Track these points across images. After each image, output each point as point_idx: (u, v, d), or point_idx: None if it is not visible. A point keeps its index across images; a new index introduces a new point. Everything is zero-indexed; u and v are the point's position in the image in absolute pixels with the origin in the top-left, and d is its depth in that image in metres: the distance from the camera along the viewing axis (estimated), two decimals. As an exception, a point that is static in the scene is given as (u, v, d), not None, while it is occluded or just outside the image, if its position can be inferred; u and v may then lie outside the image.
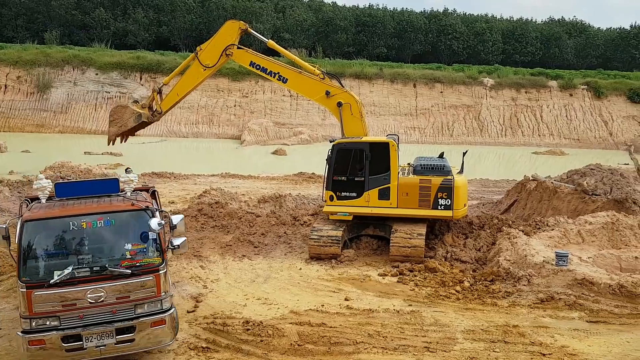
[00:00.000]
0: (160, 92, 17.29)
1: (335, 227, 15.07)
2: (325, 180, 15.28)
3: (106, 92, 49.29)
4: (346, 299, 12.25)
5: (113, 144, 18.30)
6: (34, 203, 9.22)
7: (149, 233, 8.91)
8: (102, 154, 33.77)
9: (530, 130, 49.56)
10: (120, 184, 9.46)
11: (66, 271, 8.31)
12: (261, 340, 10.31)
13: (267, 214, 18.50)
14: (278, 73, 16.19)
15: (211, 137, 46.21)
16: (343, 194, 15.03)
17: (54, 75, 49.26)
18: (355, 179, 14.95)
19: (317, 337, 10.36)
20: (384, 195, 14.85)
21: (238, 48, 16.31)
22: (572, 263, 13.00)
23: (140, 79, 50.28)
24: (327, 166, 15.13)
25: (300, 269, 14.31)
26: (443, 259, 14.82)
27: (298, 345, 10.12)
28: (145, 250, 8.92)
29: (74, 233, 8.61)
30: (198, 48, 16.59)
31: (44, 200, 9.18)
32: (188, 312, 11.62)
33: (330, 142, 15.52)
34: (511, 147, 46.50)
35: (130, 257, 8.80)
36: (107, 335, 8.54)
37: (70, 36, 67.14)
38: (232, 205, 19.91)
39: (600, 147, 47.73)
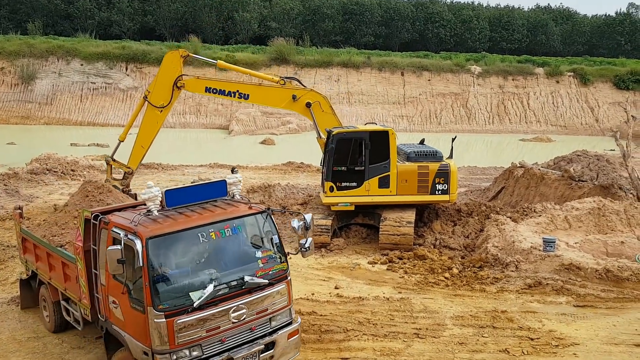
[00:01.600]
0: (112, 161, 16.19)
1: (324, 216, 15.09)
2: (325, 171, 15.24)
3: (92, 82, 48.77)
4: (336, 287, 12.31)
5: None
6: (141, 216, 7.58)
7: (273, 237, 8.17)
8: (88, 145, 33.52)
9: (517, 117, 49.77)
10: (227, 186, 8.39)
11: (208, 290, 7.17)
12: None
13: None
14: (237, 91, 15.67)
15: (199, 127, 45.94)
16: (343, 184, 15.00)
17: (38, 66, 48.63)
18: (355, 168, 14.96)
19: (308, 325, 10.40)
20: (384, 183, 14.92)
21: (188, 77, 15.68)
22: (559, 249, 13.13)
23: (126, 69, 49.79)
24: (327, 157, 15.07)
25: (290, 258, 14.29)
26: (432, 246, 14.93)
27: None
28: (274, 256, 8.13)
29: (203, 245, 7.56)
30: (146, 91, 15.80)
31: (155, 212, 7.67)
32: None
33: (327, 131, 15.49)
34: (499, 135, 46.71)
35: (262, 265, 7.92)
36: (252, 356, 7.62)
37: (54, 26, 66.24)
38: (220, 196, 19.82)
39: (586, 133, 48.07)
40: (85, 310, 8.69)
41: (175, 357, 7.07)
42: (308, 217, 8.39)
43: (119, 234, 7.45)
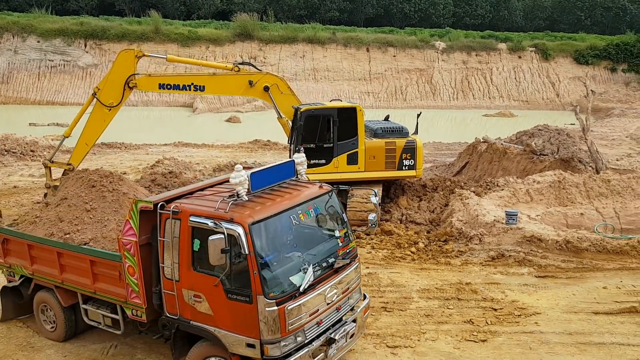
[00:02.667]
0: (50, 163, 15.37)
1: (292, 194, 15.08)
2: (293, 148, 15.18)
3: (50, 60, 47.21)
4: (304, 264, 12.36)
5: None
6: (229, 202, 7.17)
7: (343, 215, 8.23)
8: (48, 124, 32.58)
9: (480, 93, 50.35)
10: (295, 166, 8.33)
11: (309, 273, 7.11)
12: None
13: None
14: (192, 84, 15.23)
15: (162, 106, 45.09)
16: (312, 161, 14.96)
17: (-8, 43, 46.84)
18: (324, 145, 14.94)
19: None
20: (353, 160, 14.98)
21: (140, 75, 15.14)
22: (521, 221, 13.47)
23: (85, 46, 48.32)
24: (295, 134, 15.00)
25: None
26: (398, 222, 15.13)
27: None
28: (347, 234, 8.18)
29: (295, 228, 7.54)
30: (96, 88, 15.19)
31: (245, 197, 7.33)
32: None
33: (295, 108, 15.40)
34: (463, 110, 47.25)
35: (341, 244, 7.93)
36: (345, 336, 7.69)
37: (7, 1, 63.64)
38: (186, 175, 19.62)
39: (547, 108, 48.99)
40: (136, 311, 8.05)
41: (283, 344, 6.92)
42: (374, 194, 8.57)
43: (205, 222, 7.06)
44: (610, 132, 30.09)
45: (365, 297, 8.48)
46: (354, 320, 7.94)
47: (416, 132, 16.02)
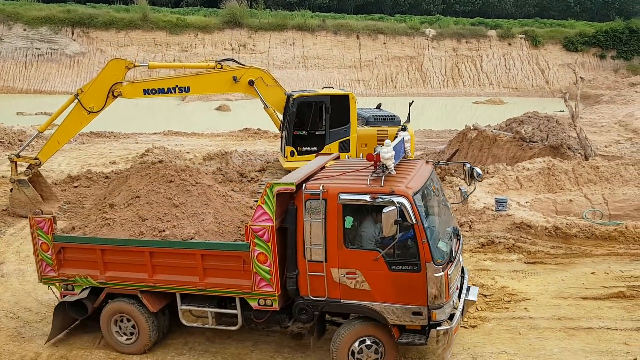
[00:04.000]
0: (16, 157, 15.07)
1: (283, 182, 15.08)
2: (285, 135, 15.15)
3: (36, 48, 46.67)
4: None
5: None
6: (381, 175, 7.32)
7: (443, 190, 8.72)
8: (35, 114, 32.24)
9: (470, 80, 50.43)
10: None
11: (453, 241, 7.64)
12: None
13: (213, 172, 18.30)
14: (176, 86, 15.16)
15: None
16: (304, 148, 14.96)
17: (-23, 31, 46.22)
18: (316, 132, 14.91)
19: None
20: (345, 147, 14.98)
21: (124, 83, 15.01)
22: (511, 208, 13.56)
23: (72, 34, 47.81)
24: (287, 121, 14.96)
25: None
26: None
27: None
28: (448, 207, 8.69)
29: (432, 200, 8.00)
30: (79, 90, 15.01)
31: (394, 171, 7.44)
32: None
33: (287, 95, 15.36)
34: (453, 98, 47.32)
35: (453, 216, 8.41)
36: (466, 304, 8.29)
37: (-8, -12, 62.74)
38: (176, 164, 19.54)
39: (537, 95, 49.18)
40: (264, 300, 7.78)
41: (446, 308, 7.28)
42: (468, 165, 8.67)
43: (362, 198, 7.20)
44: (599, 119, 30.27)
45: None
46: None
47: (408, 121, 16.01)
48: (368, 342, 7.59)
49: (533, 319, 9.34)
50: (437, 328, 7.29)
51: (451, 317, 7.49)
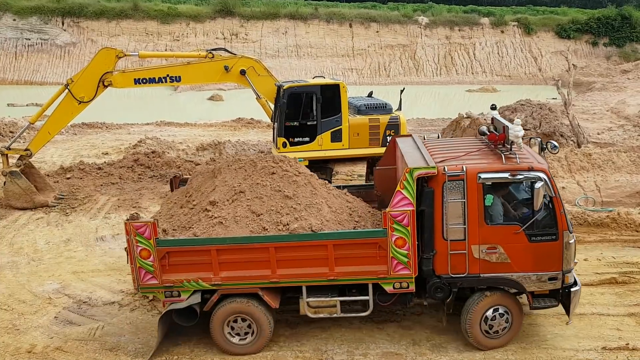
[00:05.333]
0: (6, 150, 15.00)
1: (276, 172, 15.05)
2: (277, 126, 15.12)
3: (26, 39, 46.19)
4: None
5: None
6: (514, 153, 7.96)
7: None
8: (27, 105, 31.97)
9: (464, 68, 50.35)
10: None
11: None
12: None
13: (207, 162, 18.23)
14: (167, 75, 15.11)
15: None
16: (296, 139, 14.94)
17: (-34, 21, 45.68)
18: (308, 123, 14.88)
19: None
20: (337, 137, 14.94)
21: (115, 73, 14.96)
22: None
23: (63, 24, 47.33)
24: (278, 112, 14.93)
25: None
26: (383, 198, 15.19)
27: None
28: None
29: None
30: (69, 80, 14.97)
31: (522, 148, 8.24)
32: (131, 263, 11.49)
33: (277, 86, 15.31)
34: (446, 86, 47.26)
35: None
36: None
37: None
38: (169, 154, 19.50)
39: (530, 82, 49.17)
40: (399, 283, 8.03)
41: (573, 272, 8.11)
42: (538, 140, 8.96)
43: (502, 176, 7.76)
44: (591, 106, 30.33)
45: None
46: None
47: (400, 109, 16.01)
48: (501, 311, 8.20)
49: (526, 306, 9.40)
50: (572, 289, 8.10)
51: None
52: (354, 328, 8.96)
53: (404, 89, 16.73)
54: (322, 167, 15.52)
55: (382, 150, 15.26)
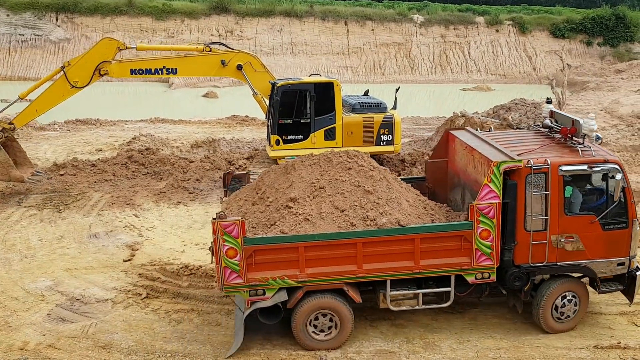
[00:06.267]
0: None
1: (271, 170, 15.06)
2: (271, 124, 15.12)
3: (20, 34, 45.91)
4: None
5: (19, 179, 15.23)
6: (588, 147, 8.53)
7: None
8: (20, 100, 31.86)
9: (458, 67, 50.40)
10: None
11: None
12: (201, 284, 10.37)
13: (201, 159, 18.21)
14: (164, 67, 15.20)
15: (137, 81, 44.14)
16: (289, 137, 14.96)
17: (-41, 16, 45.36)
18: (301, 121, 14.90)
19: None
20: (330, 135, 15.00)
21: (112, 62, 15.02)
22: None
23: (57, 19, 47.07)
24: (272, 110, 14.93)
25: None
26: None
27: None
28: None
29: None
30: (66, 62, 15.04)
31: (595, 142, 8.78)
32: (124, 260, 11.49)
33: (272, 84, 15.31)
34: (441, 85, 47.31)
35: None
36: None
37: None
38: (163, 151, 19.44)
39: (524, 82, 49.28)
40: (481, 274, 8.34)
41: (637, 257, 8.67)
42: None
43: (581, 169, 8.23)
44: (585, 106, 30.37)
45: None
46: None
47: (395, 107, 16.03)
48: (569, 297, 8.68)
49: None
50: (637, 273, 8.65)
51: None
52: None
53: (399, 87, 16.76)
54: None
55: (376, 149, 15.37)
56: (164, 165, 17.69)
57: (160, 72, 15.26)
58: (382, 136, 15.23)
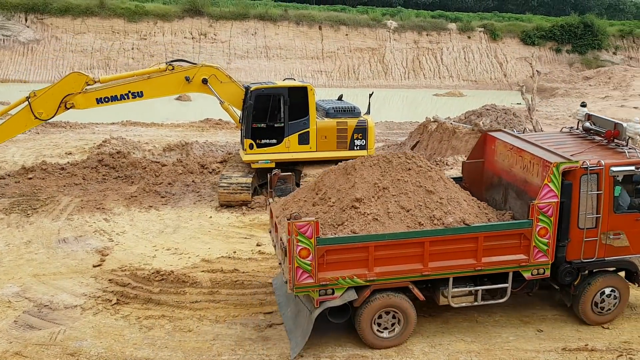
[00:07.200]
0: None
1: (245, 174, 15.02)
2: (244, 128, 15.07)
3: (-13, 35, 44.95)
4: (258, 245, 12.38)
5: None
6: (634, 148, 9.06)
7: None
8: (-13, 103, 31.18)
9: (431, 72, 51.00)
10: None
11: None
12: (173, 290, 10.26)
13: (173, 163, 18.04)
14: (129, 92, 15.22)
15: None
16: (263, 141, 14.93)
17: None
18: (275, 125, 14.88)
19: (230, 282, 10.46)
20: (304, 140, 15.00)
21: (74, 95, 14.99)
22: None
23: (26, 20, 46.20)
24: (246, 114, 14.89)
25: (211, 217, 14.21)
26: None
27: (211, 291, 10.18)
28: None
29: None
30: (32, 93, 14.95)
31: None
32: (94, 266, 11.30)
33: (245, 87, 15.28)
34: (414, 90, 47.79)
35: None
36: None
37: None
38: (135, 155, 19.21)
39: (495, 87, 50.13)
40: (536, 270, 8.73)
41: None
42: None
43: (630, 169, 8.65)
44: (554, 112, 31.08)
45: None
46: None
47: (368, 112, 16.12)
48: (607, 292, 9.12)
49: (490, 307, 9.56)
50: None
51: None
52: (321, 331, 8.96)
53: (372, 93, 16.86)
54: (290, 169, 15.54)
55: (350, 153, 15.41)
56: (136, 168, 17.47)
57: (126, 97, 15.25)
58: (355, 141, 15.30)
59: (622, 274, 9.42)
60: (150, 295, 10.06)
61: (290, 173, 10.88)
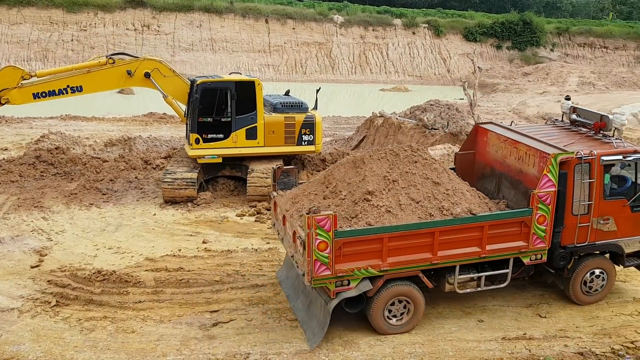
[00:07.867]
0: None
1: (190, 169, 14.78)
2: (190, 122, 14.80)
3: None
4: (204, 242, 12.25)
5: None
6: (619, 139, 9.61)
7: None
8: None
9: (377, 67, 51.54)
10: None
11: None
12: (115, 290, 10.02)
13: (115, 159, 17.56)
14: (68, 86, 14.68)
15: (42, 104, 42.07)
16: (210, 135, 14.69)
17: None
18: (222, 119, 14.68)
19: (175, 281, 10.32)
20: (252, 135, 14.88)
21: (9, 89, 14.38)
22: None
23: (-45, 8, 43.79)
24: (191, 107, 14.62)
25: (155, 214, 13.94)
26: (298, 196, 15.28)
27: (155, 291, 10.00)
28: None
29: None
30: None
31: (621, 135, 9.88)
32: (32, 267, 10.92)
33: (191, 81, 15.00)
34: (361, 85, 48.18)
35: None
36: None
37: None
38: (75, 150, 18.59)
39: (439, 83, 51.15)
40: (535, 255, 9.21)
41: None
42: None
43: (617, 159, 9.29)
44: (495, 107, 32.03)
45: None
46: None
47: (315, 107, 16.17)
48: (597, 273, 9.81)
49: (433, 300, 9.80)
50: None
51: None
52: (268, 329, 8.97)
53: (319, 88, 16.91)
54: (237, 164, 15.41)
55: (298, 148, 15.46)
56: (75, 165, 16.91)
57: (65, 92, 14.68)
58: (303, 136, 15.32)
59: (608, 256, 10.10)
60: (91, 296, 9.80)
61: (293, 167, 10.94)
